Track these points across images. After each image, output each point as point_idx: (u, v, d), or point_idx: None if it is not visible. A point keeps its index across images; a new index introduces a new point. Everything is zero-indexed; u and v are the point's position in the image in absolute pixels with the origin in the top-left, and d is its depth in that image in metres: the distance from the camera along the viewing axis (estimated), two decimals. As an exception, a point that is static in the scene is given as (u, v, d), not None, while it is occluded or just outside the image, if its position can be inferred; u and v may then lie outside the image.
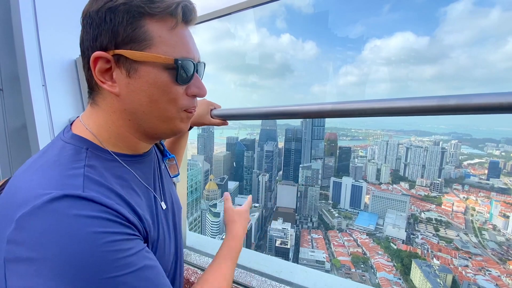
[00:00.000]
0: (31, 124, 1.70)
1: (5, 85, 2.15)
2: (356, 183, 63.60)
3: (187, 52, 0.46)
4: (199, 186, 61.50)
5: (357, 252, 48.79)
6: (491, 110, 0.50)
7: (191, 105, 0.50)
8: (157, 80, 0.45)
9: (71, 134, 0.47)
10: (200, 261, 1.36)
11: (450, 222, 54.95)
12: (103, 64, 0.43)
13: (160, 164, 0.66)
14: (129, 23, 0.42)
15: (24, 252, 0.33)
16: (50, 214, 0.34)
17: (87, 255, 0.33)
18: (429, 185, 62.80)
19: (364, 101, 0.65)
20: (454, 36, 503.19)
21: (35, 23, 1.68)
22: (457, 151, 66.78)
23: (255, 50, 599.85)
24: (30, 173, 0.41)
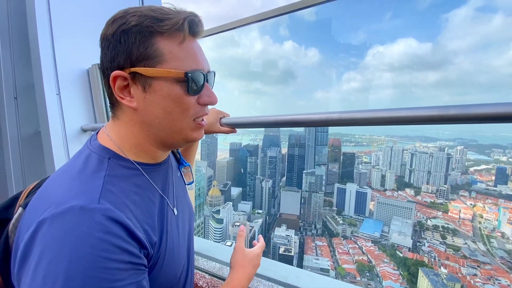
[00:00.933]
0: (45, 131, 1.77)
1: (19, 93, 2.23)
2: (360, 189, 62.86)
3: (196, 64, 0.49)
4: (202, 192, 61.36)
5: (362, 260, 47.89)
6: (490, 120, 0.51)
7: (202, 113, 0.53)
8: (170, 93, 0.48)
9: (97, 144, 0.51)
10: (208, 265, 1.39)
11: (457, 230, 53.75)
12: (121, 82, 0.48)
13: (175, 172, 0.68)
14: (141, 42, 0.45)
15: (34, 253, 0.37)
16: (64, 223, 0.38)
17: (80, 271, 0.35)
18: (435, 192, 61.79)
19: (368, 111, 0.67)
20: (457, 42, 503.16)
21: (50, 34, 1.76)
22: (463, 157, 65.78)
23: (258, 58, 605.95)
24: (59, 179, 0.46)
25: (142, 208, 0.49)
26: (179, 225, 0.60)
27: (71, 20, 1.88)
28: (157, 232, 0.50)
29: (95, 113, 1.95)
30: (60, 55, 1.79)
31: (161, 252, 0.50)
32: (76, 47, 1.92)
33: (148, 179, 0.53)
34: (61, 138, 1.77)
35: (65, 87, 1.80)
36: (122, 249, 0.39)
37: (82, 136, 1.89)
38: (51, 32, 1.75)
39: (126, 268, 0.39)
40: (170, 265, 0.52)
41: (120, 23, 0.46)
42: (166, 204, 0.57)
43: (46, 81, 1.70)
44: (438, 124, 0.58)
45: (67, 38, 1.85)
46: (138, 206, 0.48)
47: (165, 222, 0.54)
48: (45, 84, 1.70)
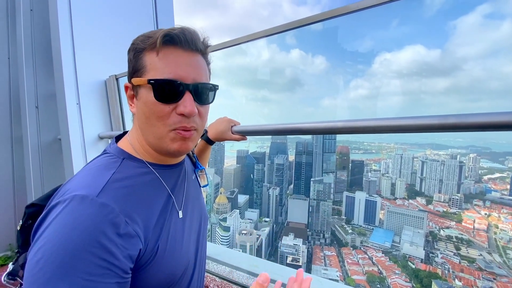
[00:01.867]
0: (65, 139, 1.87)
1: (40, 102, 2.37)
2: (370, 198, 61.60)
3: (170, 73, 0.51)
4: (209, 199, 61.26)
5: (372, 271, 46.38)
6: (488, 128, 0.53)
7: (179, 123, 0.53)
8: (146, 100, 0.53)
9: (115, 146, 0.59)
10: (218, 269, 1.43)
11: (471, 241, 51.68)
12: (129, 92, 0.58)
13: (189, 175, 0.71)
14: (134, 57, 0.55)
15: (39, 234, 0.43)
16: (63, 208, 0.44)
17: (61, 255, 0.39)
18: (448, 201, 59.92)
19: (371, 119, 0.70)
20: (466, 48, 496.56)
21: (72, 47, 1.88)
22: (476, 165, 63.88)
23: (265, 66, 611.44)
24: (79, 174, 0.52)
25: (145, 204, 0.52)
26: (184, 227, 0.62)
27: (91, 35, 2.00)
28: (156, 228, 0.53)
29: (112, 121, 2.05)
30: (81, 67, 1.91)
31: (159, 247, 0.52)
32: (94, 60, 2.04)
33: (159, 179, 0.58)
34: (79, 145, 1.86)
35: (84, 96, 1.91)
36: (103, 247, 0.42)
37: (99, 143, 1.98)
38: (73, 46, 1.87)
39: (101, 265, 0.42)
40: (169, 262, 0.55)
41: (130, 45, 0.57)
42: (172, 204, 0.60)
43: (67, 91, 1.81)
44: (438, 132, 0.60)
45: (87, 51, 1.97)
46: (140, 202, 0.51)
47: (166, 221, 0.56)
48: (66, 94, 1.81)
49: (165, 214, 0.57)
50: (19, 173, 2.52)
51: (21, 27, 2.24)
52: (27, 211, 0.63)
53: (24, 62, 2.24)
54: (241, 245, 45.50)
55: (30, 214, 0.63)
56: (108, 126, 2.06)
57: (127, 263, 0.46)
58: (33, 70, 2.30)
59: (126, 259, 0.45)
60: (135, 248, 0.47)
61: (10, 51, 2.48)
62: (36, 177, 2.34)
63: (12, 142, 2.53)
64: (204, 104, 0.58)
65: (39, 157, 2.33)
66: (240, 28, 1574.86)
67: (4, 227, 2.41)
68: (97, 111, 2.02)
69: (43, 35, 2.29)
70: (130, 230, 0.47)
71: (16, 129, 2.50)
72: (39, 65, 2.31)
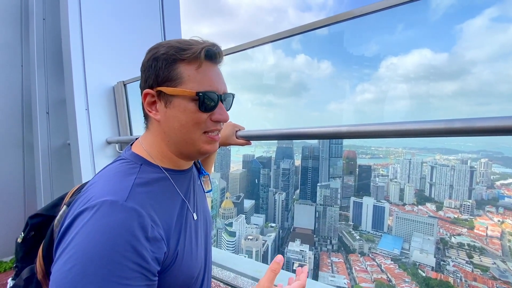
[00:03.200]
0: (74, 143, 1.91)
1: (51, 108, 2.43)
2: (378, 203, 60.48)
3: (210, 86, 0.57)
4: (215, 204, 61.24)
5: (381, 279, 45.25)
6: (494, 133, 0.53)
7: (213, 128, 0.60)
8: (186, 109, 0.56)
9: (130, 152, 0.61)
10: (222, 274, 1.42)
11: (484, 248, 50.06)
12: (150, 98, 0.59)
13: (196, 180, 0.73)
14: (166, 67, 0.56)
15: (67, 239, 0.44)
16: (94, 213, 0.44)
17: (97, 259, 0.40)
18: (459, 207, 58.37)
19: (376, 124, 0.70)
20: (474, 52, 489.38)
21: (82, 55, 1.93)
22: (488, 170, 62.22)
23: (271, 71, 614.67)
24: (99, 180, 0.53)
25: (165, 208, 0.55)
26: (198, 229, 0.65)
27: (100, 43, 2.06)
28: (175, 232, 0.56)
29: (119, 126, 2.09)
30: (90, 74, 1.96)
31: (179, 250, 0.55)
32: (103, 66, 2.09)
33: (173, 184, 0.61)
34: (88, 149, 1.90)
35: (93, 102, 1.96)
36: (136, 250, 0.44)
37: (107, 148, 2.02)
38: (83, 53, 1.93)
39: (134, 268, 0.43)
40: (188, 264, 0.57)
41: (153, 52, 0.58)
42: (187, 208, 0.63)
43: (77, 97, 1.86)
44: (444, 137, 0.60)
45: (96, 58, 2.03)
46: (161, 206, 0.54)
47: (183, 224, 0.59)
48: (76, 100, 1.86)
49: (181, 217, 0.59)
50: (29, 177, 2.57)
51: (34, 36, 2.32)
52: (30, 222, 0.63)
53: (36, 69, 2.32)
54: (247, 250, 45.19)
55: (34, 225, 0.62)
56: (115, 131, 2.10)
57: (156, 266, 0.48)
58: (45, 77, 2.37)
59: (154, 262, 0.47)
60: (161, 251, 0.49)
61: (23, 58, 2.57)
62: (46, 181, 2.39)
63: (24, 147, 2.59)
64: (227, 111, 0.65)
65: (49, 162, 2.38)
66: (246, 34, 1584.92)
67: (14, 230, 2.46)
68: (105, 117, 2.06)
69: (55, 43, 2.36)
70: (156, 234, 0.49)
71: (27, 134, 2.57)
72: (50, 72, 2.38)
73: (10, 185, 2.49)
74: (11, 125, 2.50)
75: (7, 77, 2.50)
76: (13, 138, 2.51)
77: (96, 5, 1.99)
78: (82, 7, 1.88)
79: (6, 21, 2.49)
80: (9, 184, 2.49)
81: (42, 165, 2.34)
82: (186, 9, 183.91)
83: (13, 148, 2.51)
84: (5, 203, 2.46)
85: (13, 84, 2.52)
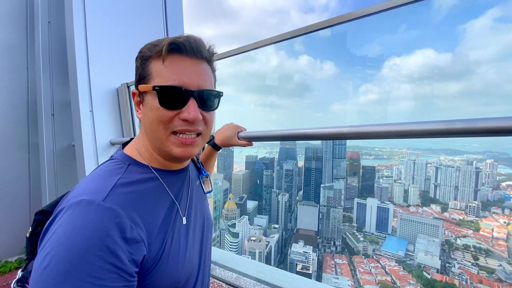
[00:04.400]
0: (79, 145, 1.93)
1: (56, 110, 2.46)
2: (382, 204, 59.83)
3: (174, 80, 0.53)
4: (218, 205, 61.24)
5: (385, 281, 44.86)
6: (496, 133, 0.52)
7: (181, 127, 0.55)
8: (151, 105, 0.54)
9: (121, 152, 0.60)
10: (225, 275, 1.42)
11: (490, 250, 49.22)
12: (136, 98, 0.59)
13: (193, 181, 0.71)
14: (141, 65, 0.56)
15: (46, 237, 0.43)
16: (71, 213, 0.44)
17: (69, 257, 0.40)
18: (464, 208, 57.50)
19: (377, 125, 0.69)
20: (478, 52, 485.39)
21: (86, 57, 1.96)
22: (493, 171, 61.22)
23: (274, 72, 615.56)
24: (86, 179, 0.53)
25: (150, 209, 0.53)
26: (188, 233, 0.62)
27: (104, 45, 2.08)
28: (160, 233, 0.53)
29: (123, 128, 2.11)
30: (94, 76, 1.98)
31: (164, 253, 0.53)
32: (107, 69, 2.11)
33: (162, 184, 0.59)
34: (92, 151, 1.92)
35: (97, 104, 1.98)
36: (110, 251, 0.42)
37: (111, 149, 2.04)
38: (87, 56, 1.95)
39: (109, 269, 0.42)
40: (173, 268, 0.54)
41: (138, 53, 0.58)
42: (176, 210, 0.60)
43: (81, 99, 1.88)
44: (445, 138, 0.59)
45: (100, 60, 2.05)
46: (145, 207, 0.52)
47: (170, 226, 0.56)
48: (80, 102, 1.88)
49: (169, 220, 0.57)
50: (35, 178, 2.61)
51: (39, 39, 2.35)
52: (36, 218, 0.63)
53: (41, 72, 2.35)
54: (250, 251, 45.01)
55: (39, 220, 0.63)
56: (119, 132, 2.12)
57: (133, 267, 0.46)
58: (50, 79, 2.40)
59: (131, 263, 0.46)
60: (139, 253, 0.47)
61: (29, 61, 2.60)
62: (51, 182, 2.42)
63: (29, 148, 2.62)
64: (208, 111, 0.59)
65: (54, 163, 2.40)
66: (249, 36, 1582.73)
67: (20, 230, 2.49)
68: (109, 118, 2.08)
69: (60, 46, 2.39)
70: (135, 235, 0.47)
71: (33, 136, 2.60)
72: (56, 74, 2.41)
73: (15, 186, 2.53)
74: (16, 127, 2.54)
75: (13, 79, 2.53)
76: (18, 139, 2.54)
77: (101, 8, 2.02)
78: (86, 10, 1.91)
79: (12, 24, 2.54)
80: (15, 185, 2.52)
81: (47, 166, 2.36)
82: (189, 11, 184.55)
83: (18, 149, 2.55)
84: (11, 204, 2.49)
85: (18, 86, 2.56)
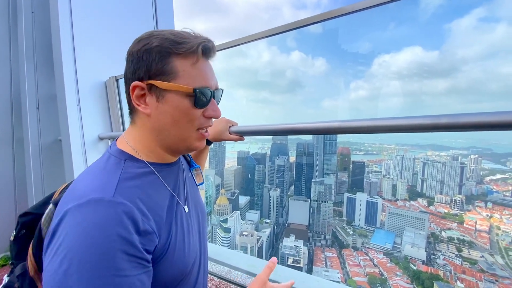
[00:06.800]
0: (65, 139, 1.88)
1: (41, 104, 2.38)
2: (371, 199, 61.26)
3: (205, 82, 0.57)
4: (210, 200, 61.19)
5: (374, 273, 46.07)
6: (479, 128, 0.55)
7: (206, 124, 0.61)
8: (180, 105, 0.55)
9: (115, 148, 0.59)
10: (216, 269, 1.43)
11: (473, 242, 51.33)
12: (139, 91, 0.56)
13: (186, 173, 0.73)
14: (160, 60, 0.54)
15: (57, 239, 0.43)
16: (83, 212, 0.44)
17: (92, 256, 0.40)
18: (449, 202, 59.57)
19: (367, 120, 0.71)
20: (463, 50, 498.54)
21: (72, 49, 1.90)
22: (477, 166, 63.54)
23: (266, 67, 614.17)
24: (84, 178, 0.52)
25: (154, 201, 0.54)
26: (189, 222, 0.64)
27: (91, 36, 2.02)
28: (166, 225, 0.55)
29: (112, 122, 2.07)
30: (81, 68, 1.93)
31: (170, 243, 0.55)
32: (95, 61, 2.05)
33: (159, 178, 0.60)
34: (80, 146, 1.88)
35: (84, 98, 1.93)
36: (128, 242, 0.44)
37: (99, 144, 1.99)
38: (73, 47, 1.89)
39: (129, 259, 0.44)
40: (180, 257, 0.57)
41: (144, 43, 0.54)
42: (176, 201, 0.62)
43: (68, 92, 1.83)
44: (431, 132, 0.61)
45: (87, 52, 1.99)
46: (150, 200, 0.53)
47: (173, 217, 0.58)
48: (67, 95, 1.82)
49: (172, 210, 0.59)
50: (20, 174, 2.53)
51: (23, 29, 2.26)
52: (20, 220, 0.62)
53: (25, 64, 2.26)
54: (241, 246, 45.30)
55: (24, 223, 0.62)
56: (108, 127, 2.07)
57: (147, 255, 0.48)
58: (34, 72, 2.31)
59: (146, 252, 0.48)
60: (152, 244, 0.49)
61: (12, 52, 2.50)
62: (37, 178, 2.35)
63: (13, 143, 2.54)
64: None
65: (39, 158, 2.34)
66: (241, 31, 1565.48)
67: (5, 227, 2.42)
68: (97, 112, 2.03)
69: (44, 37, 2.31)
70: (147, 227, 0.49)
71: (17, 130, 2.52)
72: (40, 66, 2.33)
73: (0, 182, 2.45)
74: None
75: (-5, 72, 2.43)
76: (2, 134, 2.46)
77: (87, -2, 1.95)
78: None
79: (-7, 13, 2.42)
80: (-1, 181, 2.44)
81: (33, 162, 2.29)
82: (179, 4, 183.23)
83: (2, 144, 2.46)
84: (-5, 200, 2.42)
85: (1, 78, 2.46)
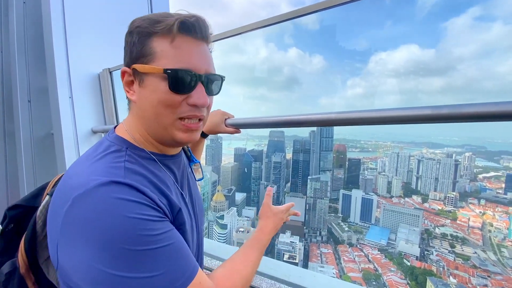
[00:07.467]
0: (57, 133, 1.84)
1: (33, 97, 2.32)
2: (366, 196, 61.73)
3: (184, 63, 0.50)
4: (207, 197, 61.11)
5: (368, 268, 46.67)
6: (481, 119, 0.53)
7: (189, 113, 0.53)
8: (157, 88, 0.50)
9: (114, 135, 0.55)
10: (212, 264, 1.42)
11: (466, 238, 52.14)
12: (128, 77, 0.54)
13: (187, 167, 0.71)
14: (140, 42, 0.50)
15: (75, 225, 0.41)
16: (98, 195, 0.41)
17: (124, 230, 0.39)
18: (443, 199, 60.25)
19: (365, 111, 0.69)
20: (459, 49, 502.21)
21: (64, 41, 1.85)
22: (471, 163, 64.23)
23: (263, 64, 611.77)
24: (84, 164, 0.48)
25: (161, 189, 0.52)
26: (190, 213, 0.63)
27: (84, 28, 1.97)
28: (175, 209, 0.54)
29: (105, 115, 2.03)
30: (73, 61, 1.88)
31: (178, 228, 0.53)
32: (88, 53, 2.01)
33: (162, 168, 0.56)
34: (72, 139, 1.84)
35: (77, 90, 1.88)
36: (151, 207, 0.44)
37: (92, 138, 1.96)
38: (65, 39, 1.84)
39: (157, 219, 0.44)
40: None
41: (129, 26, 0.52)
42: (180, 193, 0.60)
43: (59, 85, 1.78)
44: (431, 123, 0.59)
45: (80, 44, 1.94)
46: (157, 187, 0.51)
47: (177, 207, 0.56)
48: (58, 88, 1.78)
49: (177, 199, 0.57)
50: (11, 168, 2.48)
51: (14, 20, 2.19)
52: (8, 214, 0.58)
53: (16, 55, 2.20)
54: (238, 242, 45.39)
55: (12, 217, 0.58)
56: (101, 120, 2.03)
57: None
58: (26, 64, 2.25)
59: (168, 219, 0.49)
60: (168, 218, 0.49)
61: (2, 43, 2.43)
62: (29, 173, 2.31)
63: (5, 137, 2.48)
64: (212, 95, 0.58)
65: (31, 152, 2.29)
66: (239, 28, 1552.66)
67: (-3, 222, 2.38)
68: (90, 105, 1.98)
69: (36, 28, 2.24)
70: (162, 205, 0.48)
71: (8, 124, 2.46)
72: (32, 58, 2.26)
73: (-9, 176, 2.40)
74: (-10, 114, 2.39)
75: (-15, 64, 2.37)
76: (-7, 127, 2.40)
77: (80, -12, 1.90)
78: (64, -11, 1.79)
79: (-17, 3, 2.35)
80: (-10, 175, 2.39)
81: (25, 156, 2.24)
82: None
83: (-7, 138, 2.41)
84: (-14, 195, 2.37)
85: (-9, 71, 2.40)
